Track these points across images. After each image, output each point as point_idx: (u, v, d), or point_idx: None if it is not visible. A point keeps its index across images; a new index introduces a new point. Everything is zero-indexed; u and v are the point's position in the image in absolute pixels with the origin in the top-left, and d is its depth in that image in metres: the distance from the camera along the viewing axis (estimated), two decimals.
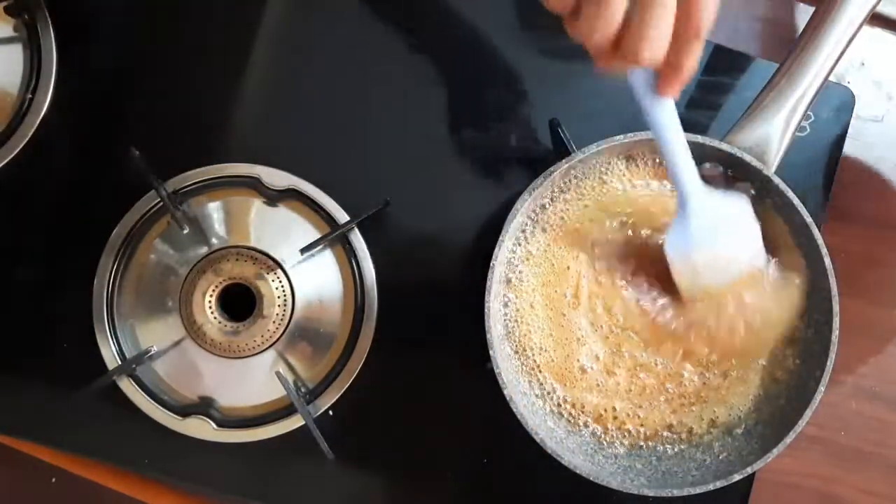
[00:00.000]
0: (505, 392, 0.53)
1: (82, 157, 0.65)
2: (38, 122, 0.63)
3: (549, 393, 0.57)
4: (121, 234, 0.63)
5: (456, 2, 0.65)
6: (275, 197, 0.64)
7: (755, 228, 0.54)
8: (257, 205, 0.64)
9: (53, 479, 0.69)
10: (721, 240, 0.53)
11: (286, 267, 0.62)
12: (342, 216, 0.63)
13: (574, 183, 0.57)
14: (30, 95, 0.64)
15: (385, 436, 0.63)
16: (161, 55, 0.65)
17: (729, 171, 0.56)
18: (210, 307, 0.61)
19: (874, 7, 0.52)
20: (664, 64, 0.41)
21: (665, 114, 0.46)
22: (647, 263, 0.57)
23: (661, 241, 0.55)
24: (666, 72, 0.42)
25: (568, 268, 0.58)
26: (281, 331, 0.62)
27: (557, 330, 0.58)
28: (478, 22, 0.65)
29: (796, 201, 0.53)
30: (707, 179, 0.52)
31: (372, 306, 0.63)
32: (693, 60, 0.41)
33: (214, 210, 0.64)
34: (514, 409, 0.53)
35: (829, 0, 0.52)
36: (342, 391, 0.63)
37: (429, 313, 0.64)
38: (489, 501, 0.65)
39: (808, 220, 0.53)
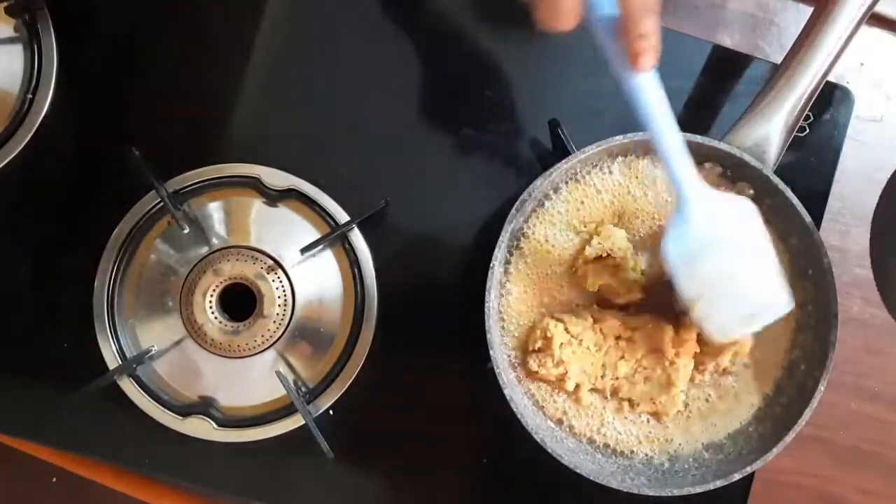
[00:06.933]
0: (505, 392, 0.53)
1: (83, 158, 0.65)
2: (38, 122, 0.63)
3: (549, 392, 0.58)
4: (121, 235, 0.63)
5: (456, 2, 0.65)
6: (275, 197, 0.64)
7: (763, 240, 0.49)
8: (257, 205, 0.64)
9: (54, 479, 0.69)
10: (722, 253, 0.48)
11: (286, 267, 0.62)
12: (342, 216, 0.63)
13: (574, 183, 0.57)
14: (30, 96, 0.64)
15: (385, 436, 0.63)
16: (161, 55, 0.66)
17: (729, 171, 0.56)
18: (210, 307, 0.61)
19: (872, 7, 0.52)
20: (630, 38, 0.39)
21: (650, 98, 0.42)
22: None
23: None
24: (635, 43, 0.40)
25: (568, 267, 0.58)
26: (281, 330, 0.62)
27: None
28: (478, 22, 0.65)
29: (796, 201, 0.53)
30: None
31: (372, 306, 0.63)
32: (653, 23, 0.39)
33: (215, 210, 0.64)
34: (514, 409, 0.53)
35: (828, 0, 0.52)
36: (342, 391, 0.63)
37: (429, 313, 0.64)
38: (489, 501, 0.65)
39: (808, 220, 0.53)
